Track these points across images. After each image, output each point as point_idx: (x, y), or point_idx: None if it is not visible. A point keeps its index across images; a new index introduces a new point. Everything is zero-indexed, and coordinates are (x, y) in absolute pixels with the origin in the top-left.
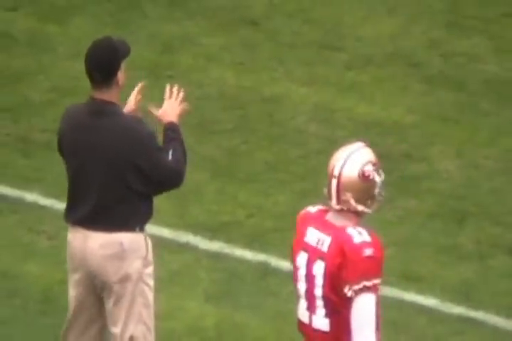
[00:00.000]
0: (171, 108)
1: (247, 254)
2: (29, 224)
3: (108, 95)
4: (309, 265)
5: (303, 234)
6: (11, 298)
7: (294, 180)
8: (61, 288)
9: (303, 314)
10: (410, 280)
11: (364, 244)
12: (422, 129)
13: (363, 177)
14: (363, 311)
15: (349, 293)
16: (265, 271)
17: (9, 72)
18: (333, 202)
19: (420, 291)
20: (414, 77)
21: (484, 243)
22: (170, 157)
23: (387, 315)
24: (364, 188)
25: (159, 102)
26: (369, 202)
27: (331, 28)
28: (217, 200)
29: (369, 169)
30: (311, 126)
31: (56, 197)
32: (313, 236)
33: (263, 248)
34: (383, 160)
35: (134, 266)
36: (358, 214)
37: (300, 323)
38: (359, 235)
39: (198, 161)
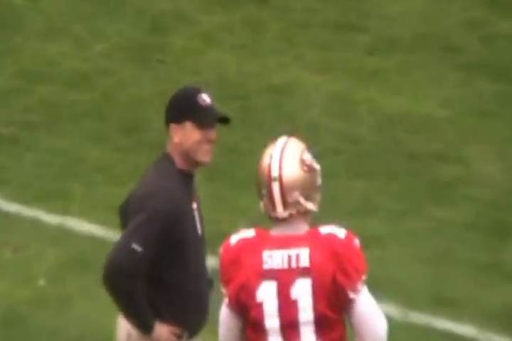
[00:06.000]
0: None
1: None
2: None
3: (168, 146)
4: (283, 291)
5: (257, 263)
6: None
7: None
8: (27, 308)
9: None
10: (442, 304)
11: (349, 236)
12: (457, 125)
13: (306, 167)
14: (370, 303)
15: (351, 295)
16: None
17: None
18: (279, 209)
19: (454, 318)
20: (449, 63)
21: None
22: (135, 246)
23: None
24: (309, 181)
25: (148, 91)
26: (315, 196)
27: (350, 4)
28: (214, 207)
29: (308, 157)
30: (326, 121)
31: (23, 202)
32: (277, 258)
33: None
34: (412, 161)
35: None
36: (307, 215)
37: None
38: (337, 229)
39: None
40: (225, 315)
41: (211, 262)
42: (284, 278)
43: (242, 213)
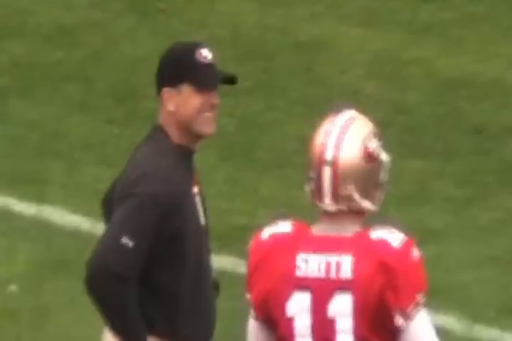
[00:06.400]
0: None
1: None
2: None
3: (161, 117)
4: (318, 307)
5: (289, 267)
6: None
7: None
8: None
9: None
10: None
11: (406, 245)
12: None
13: (369, 156)
14: (425, 334)
15: (399, 321)
16: None
17: None
18: (327, 200)
19: None
20: None
21: None
22: (124, 241)
23: None
24: (370, 174)
25: (146, 49)
26: (375, 194)
27: None
28: (229, 193)
29: (373, 145)
30: (369, 85)
31: None
32: (313, 263)
33: None
34: (476, 136)
35: None
36: (360, 214)
37: None
38: (392, 234)
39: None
40: (252, 329)
41: (224, 262)
42: (320, 291)
43: (264, 202)
